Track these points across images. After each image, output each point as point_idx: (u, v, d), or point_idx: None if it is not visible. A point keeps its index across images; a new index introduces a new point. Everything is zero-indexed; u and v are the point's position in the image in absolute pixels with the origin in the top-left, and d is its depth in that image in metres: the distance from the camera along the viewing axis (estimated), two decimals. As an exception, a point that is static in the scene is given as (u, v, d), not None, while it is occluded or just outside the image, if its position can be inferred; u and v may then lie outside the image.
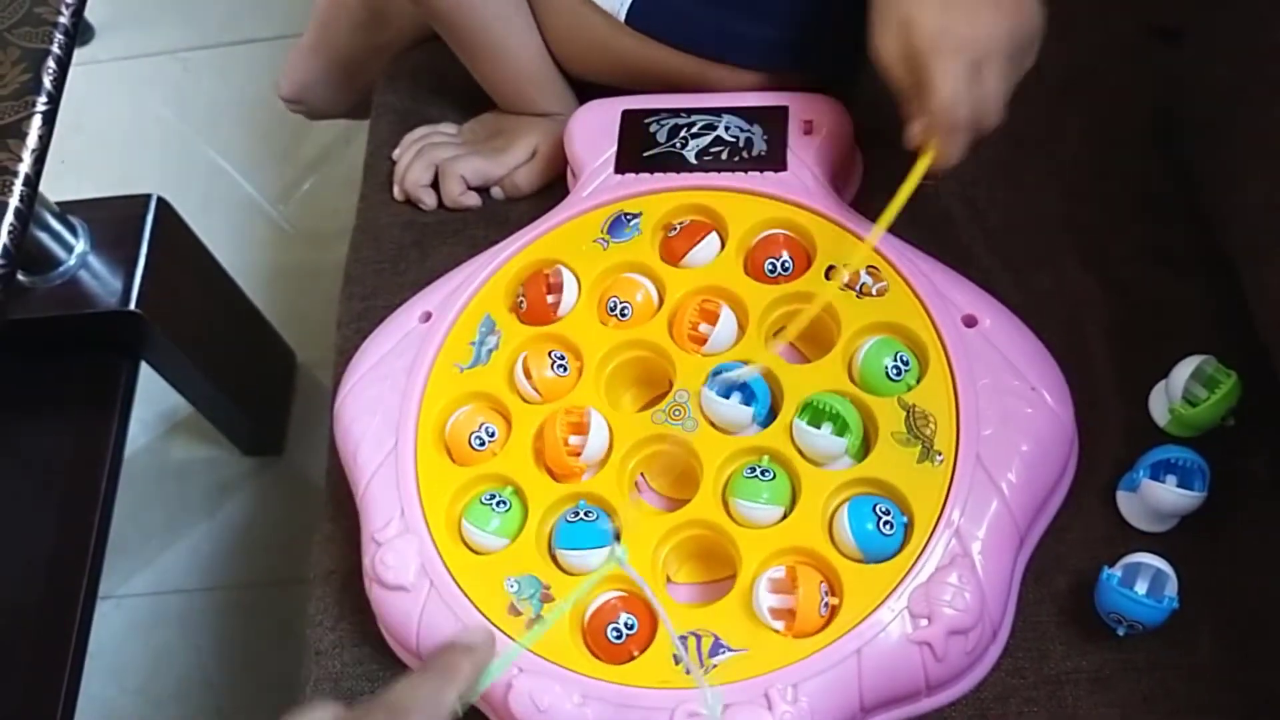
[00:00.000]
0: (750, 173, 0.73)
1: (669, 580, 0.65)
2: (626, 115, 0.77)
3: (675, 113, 0.77)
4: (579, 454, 0.65)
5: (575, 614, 0.62)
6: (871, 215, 0.72)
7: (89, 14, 1.59)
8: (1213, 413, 0.65)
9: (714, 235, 0.72)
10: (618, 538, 0.63)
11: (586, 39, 0.80)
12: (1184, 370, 0.65)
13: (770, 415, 0.66)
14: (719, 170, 0.74)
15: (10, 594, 1.00)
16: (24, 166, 0.81)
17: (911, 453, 0.63)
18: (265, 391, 1.31)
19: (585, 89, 0.85)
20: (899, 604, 0.59)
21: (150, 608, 1.25)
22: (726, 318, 0.68)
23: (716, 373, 0.66)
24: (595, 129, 0.77)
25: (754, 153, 0.74)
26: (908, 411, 0.64)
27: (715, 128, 0.75)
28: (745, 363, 0.66)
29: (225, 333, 1.23)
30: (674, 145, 0.75)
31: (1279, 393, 0.65)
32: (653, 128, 0.76)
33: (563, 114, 0.83)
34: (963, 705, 0.62)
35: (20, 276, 1.03)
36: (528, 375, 0.69)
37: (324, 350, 0.85)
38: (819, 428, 0.64)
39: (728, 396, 0.65)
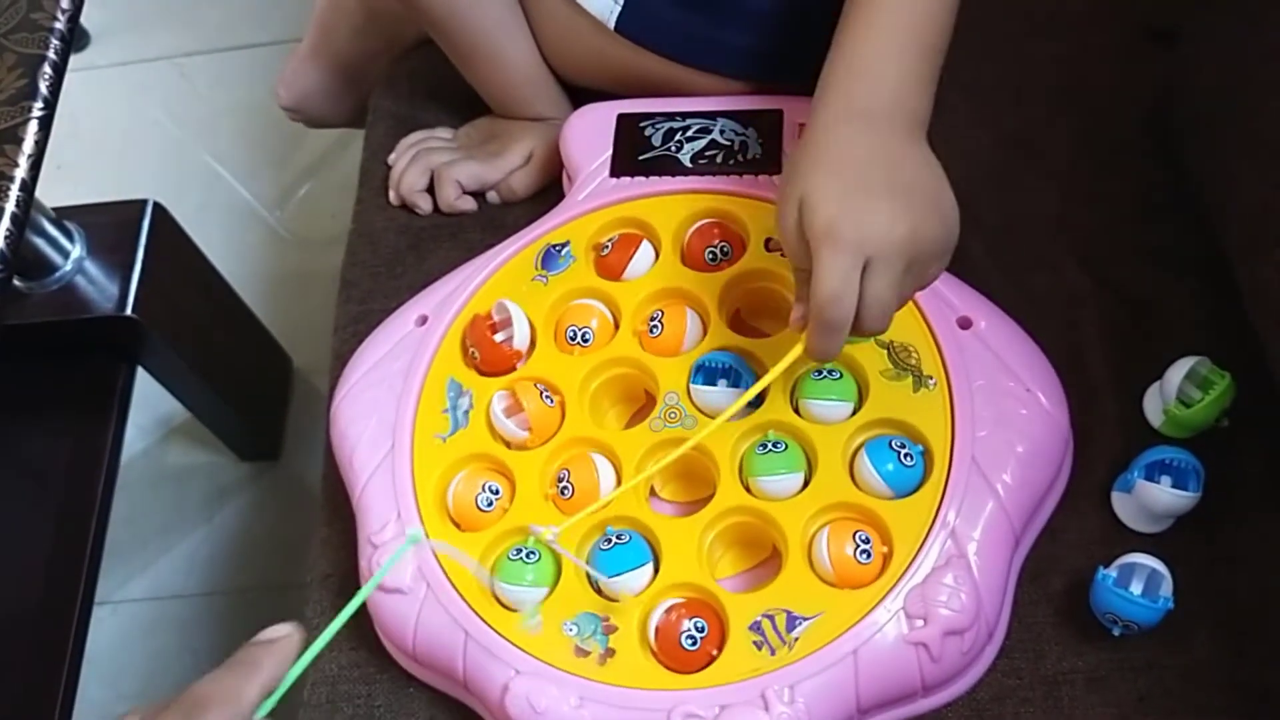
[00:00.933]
0: (745, 175, 0.73)
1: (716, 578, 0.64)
2: (621, 119, 0.77)
3: (670, 116, 0.77)
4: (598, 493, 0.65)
5: (642, 634, 0.61)
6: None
7: (85, 19, 1.60)
8: (1207, 413, 0.65)
9: (646, 244, 0.72)
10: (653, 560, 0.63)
11: (578, 45, 0.81)
12: (1178, 371, 0.66)
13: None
14: (714, 173, 0.74)
15: (7, 599, 1.00)
16: (20, 172, 0.81)
17: (905, 384, 0.64)
18: (262, 397, 1.31)
19: (580, 93, 0.85)
20: (895, 605, 0.59)
21: (147, 613, 1.25)
22: (691, 316, 0.69)
23: (698, 367, 0.67)
24: (590, 133, 0.78)
25: (749, 155, 0.74)
26: (888, 349, 0.65)
27: (710, 131, 0.76)
28: (726, 351, 0.67)
29: (221, 338, 1.23)
30: (669, 149, 0.76)
31: (1273, 393, 0.65)
32: (648, 131, 0.77)
33: (558, 118, 0.83)
34: (959, 706, 0.62)
35: (16, 282, 1.03)
36: (511, 414, 0.67)
37: (320, 355, 0.85)
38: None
39: (715, 384, 0.66)
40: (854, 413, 0.65)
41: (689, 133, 0.76)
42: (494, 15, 0.80)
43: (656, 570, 0.63)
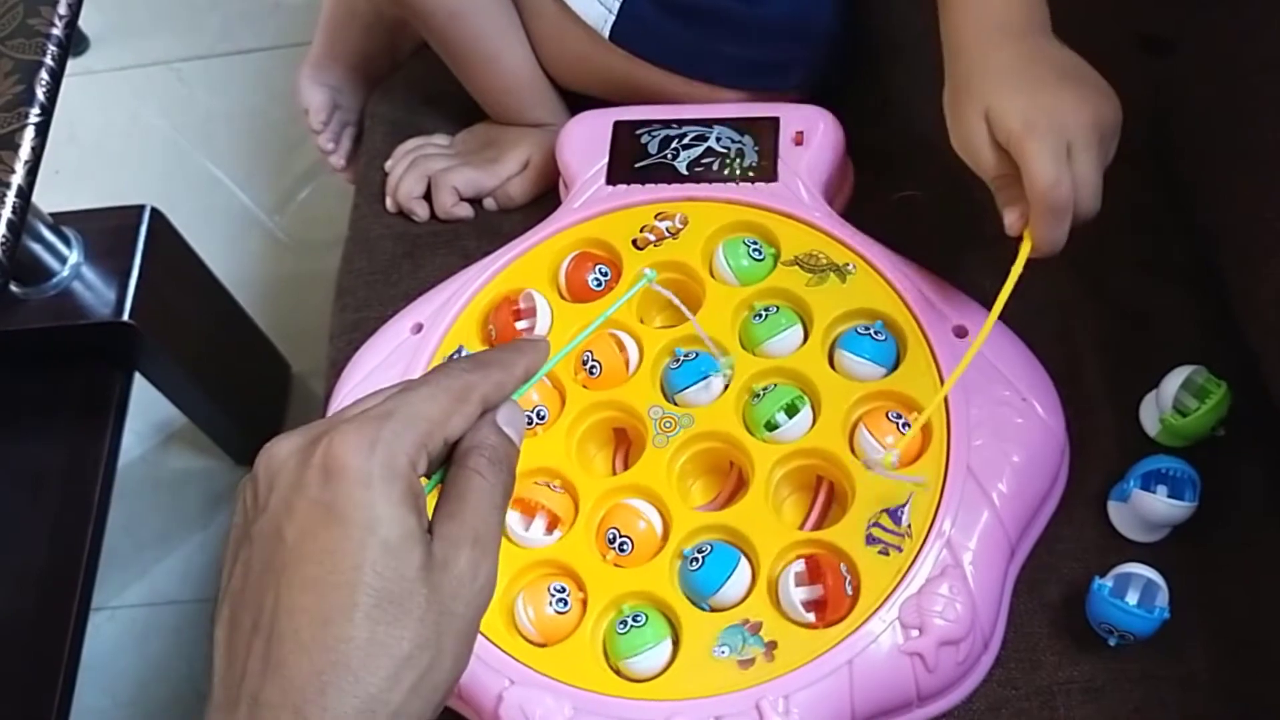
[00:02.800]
0: (741, 183, 0.73)
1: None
2: (618, 126, 0.77)
3: (666, 124, 0.77)
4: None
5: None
6: (861, 225, 0.72)
7: (84, 24, 1.61)
8: (1203, 423, 0.65)
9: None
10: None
11: (574, 53, 0.81)
12: (1174, 380, 0.65)
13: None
14: (710, 181, 0.74)
15: (3, 606, 1.00)
16: (16, 178, 0.81)
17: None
18: (259, 402, 1.31)
19: (577, 100, 0.85)
20: (890, 615, 0.59)
21: (144, 619, 1.25)
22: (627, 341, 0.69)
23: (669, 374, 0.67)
24: (587, 140, 0.78)
25: (745, 163, 0.74)
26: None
27: (706, 139, 0.76)
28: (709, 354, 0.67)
29: (219, 343, 1.23)
30: (665, 156, 0.75)
31: (1269, 403, 0.65)
32: (644, 139, 0.76)
33: (554, 124, 0.83)
34: (955, 716, 0.62)
35: (13, 287, 1.03)
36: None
37: (318, 360, 0.85)
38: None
39: (695, 382, 0.66)
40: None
41: (685, 140, 0.76)
42: (491, 21, 0.80)
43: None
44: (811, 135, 0.75)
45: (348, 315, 0.82)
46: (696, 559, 0.61)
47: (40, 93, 0.85)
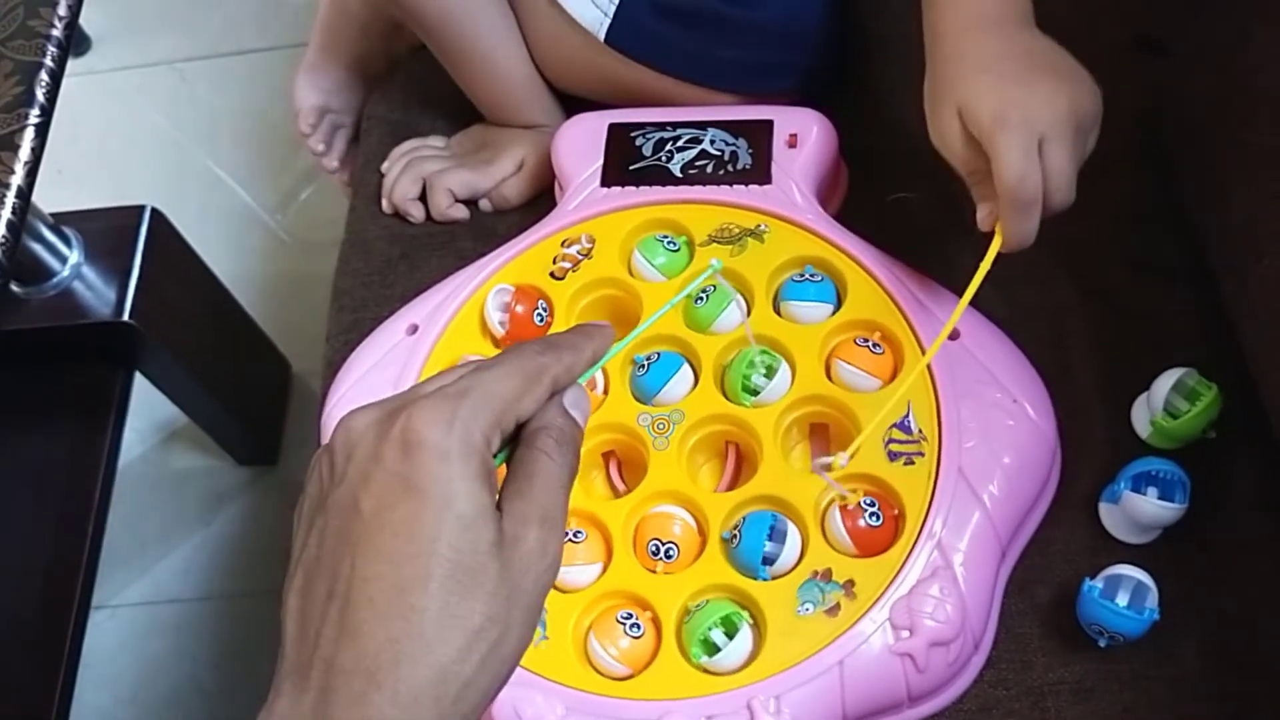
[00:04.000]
0: (735, 185, 0.74)
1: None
2: (613, 129, 0.78)
3: (661, 126, 0.77)
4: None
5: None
6: (855, 228, 0.72)
7: (86, 24, 1.61)
8: (1194, 425, 0.65)
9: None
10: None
11: (569, 55, 0.81)
12: (1165, 382, 0.66)
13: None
14: (704, 183, 0.74)
15: (4, 604, 1.00)
16: (16, 179, 0.82)
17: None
18: (260, 401, 1.31)
19: (572, 102, 0.85)
20: (881, 615, 0.59)
21: (144, 617, 1.25)
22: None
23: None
24: (581, 142, 0.78)
25: (739, 166, 0.74)
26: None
27: (700, 141, 0.76)
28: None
29: (219, 343, 1.24)
30: (659, 159, 0.76)
31: (1260, 405, 0.65)
32: (638, 141, 0.77)
33: (549, 126, 0.83)
34: (945, 716, 0.62)
35: (14, 287, 1.03)
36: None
37: (319, 360, 0.85)
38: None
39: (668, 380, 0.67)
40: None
41: (680, 143, 0.76)
42: (487, 21, 0.81)
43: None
44: (805, 138, 0.75)
45: (344, 316, 0.82)
46: (734, 536, 0.62)
47: (40, 94, 0.85)
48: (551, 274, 0.72)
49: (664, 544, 0.63)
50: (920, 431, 0.63)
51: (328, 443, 0.39)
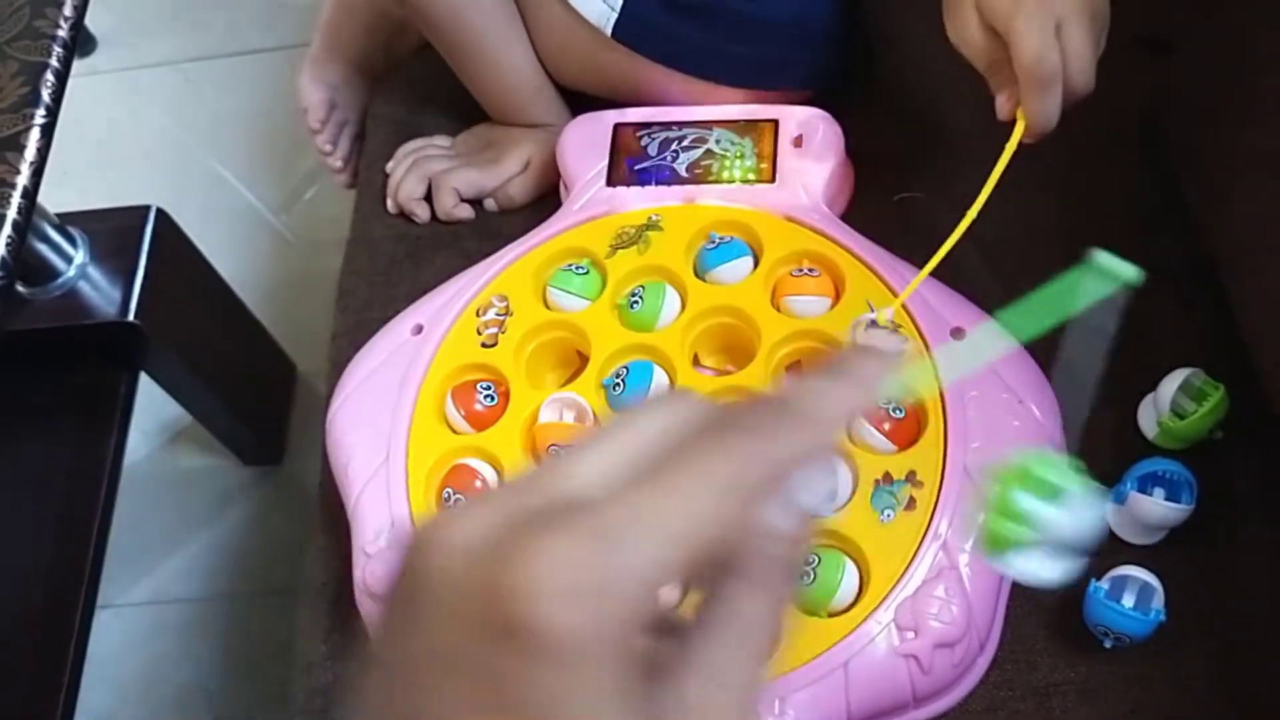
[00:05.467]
0: (741, 186, 0.73)
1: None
2: (618, 128, 0.78)
3: (667, 126, 0.77)
4: None
5: None
6: (861, 227, 0.72)
7: (91, 24, 1.62)
8: (1200, 425, 0.65)
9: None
10: None
11: (575, 51, 0.81)
12: (1172, 383, 0.65)
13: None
14: (709, 183, 0.74)
15: (10, 603, 1.00)
16: (22, 179, 0.82)
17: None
18: (264, 401, 1.32)
19: (578, 100, 0.85)
20: (885, 617, 0.59)
21: (149, 617, 1.25)
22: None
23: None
24: (587, 142, 0.78)
25: (745, 166, 0.74)
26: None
27: (706, 141, 0.76)
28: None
29: (224, 343, 1.24)
30: (665, 158, 0.76)
31: (1266, 406, 0.65)
32: (644, 141, 0.77)
33: (555, 124, 0.83)
34: (951, 717, 0.62)
35: (20, 287, 1.04)
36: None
37: (324, 359, 0.85)
38: None
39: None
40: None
41: (685, 142, 0.76)
42: (491, 19, 0.81)
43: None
44: (811, 138, 0.75)
45: (349, 316, 0.82)
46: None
47: (45, 94, 0.85)
48: (483, 344, 0.70)
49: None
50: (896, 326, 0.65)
51: (415, 539, 0.24)
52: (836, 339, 0.67)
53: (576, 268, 0.72)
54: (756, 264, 0.71)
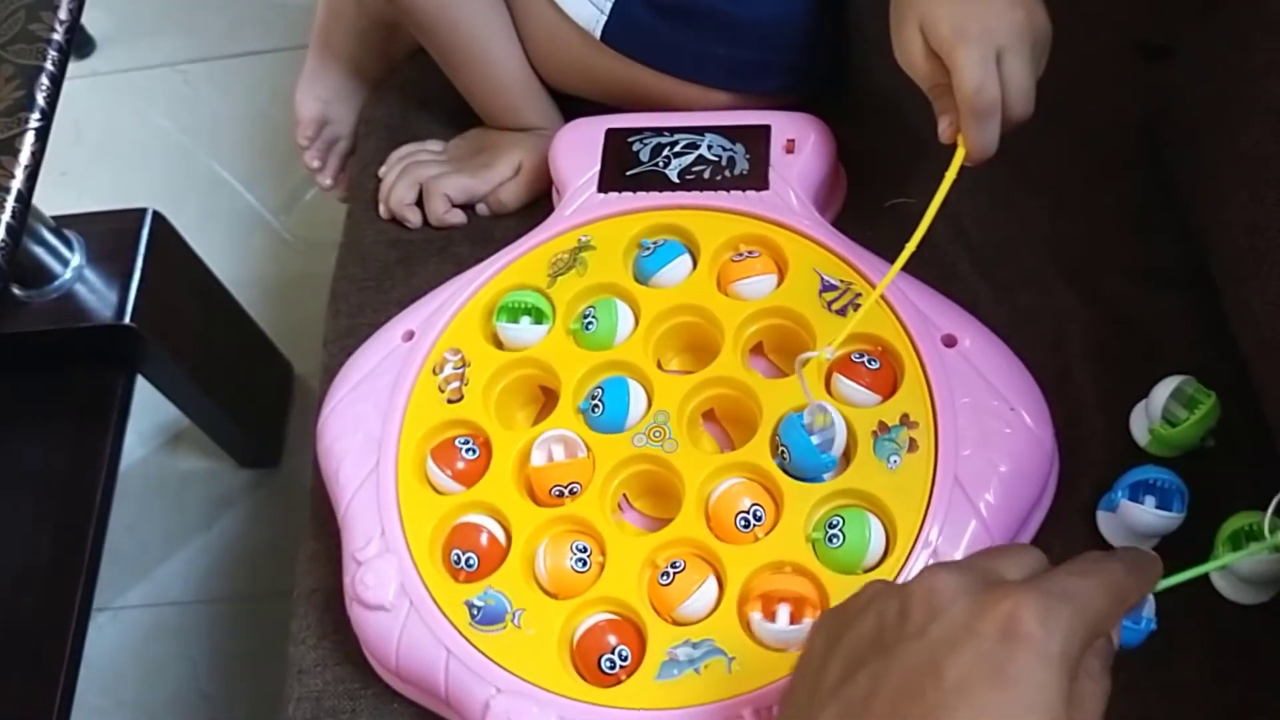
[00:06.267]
0: (732, 191, 0.73)
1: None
2: (610, 134, 0.77)
3: (658, 131, 0.77)
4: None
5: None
6: (853, 233, 0.72)
7: (90, 26, 1.62)
8: (1192, 433, 0.64)
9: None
10: None
11: (565, 54, 0.81)
12: (1164, 390, 0.65)
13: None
14: (701, 189, 0.74)
15: (5, 606, 1.00)
16: (16, 183, 0.82)
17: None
18: (261, 404, 1.32)
19: (569, 103, 0.85)
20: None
21: (146, 620, 1.25)
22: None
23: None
24: (579, 147, 0.78)
25: (736, 171, 0.74)
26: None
27: (698, 147, 0.76)
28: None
29: (221, 346, 1.24)
30: (656, 164, 0.76)
31: (1259, 414, 0.64)
32: (636, 146, 0.76)
33: (546, 128, 0.83)
34: (941, 726, 0.62)
35: (15, 290, 1.04)
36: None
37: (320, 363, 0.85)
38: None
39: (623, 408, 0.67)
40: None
41: (677, 148, 0.76)
42: (481, 20, 0.81)
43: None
44: (803, 143, 0.75)
45: (341, 321, 0.82)
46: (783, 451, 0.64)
47: (41, 98, 0.85)
48: (449, 400, 0.69)
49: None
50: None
51: (904, 585, 0.39)
52: (795, 311, 0.68)
53: (523, 306, 0.71)
54: (695, 259, 0.72)
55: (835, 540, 0.61)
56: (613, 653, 0.60)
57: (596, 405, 0.67)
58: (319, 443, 0.71)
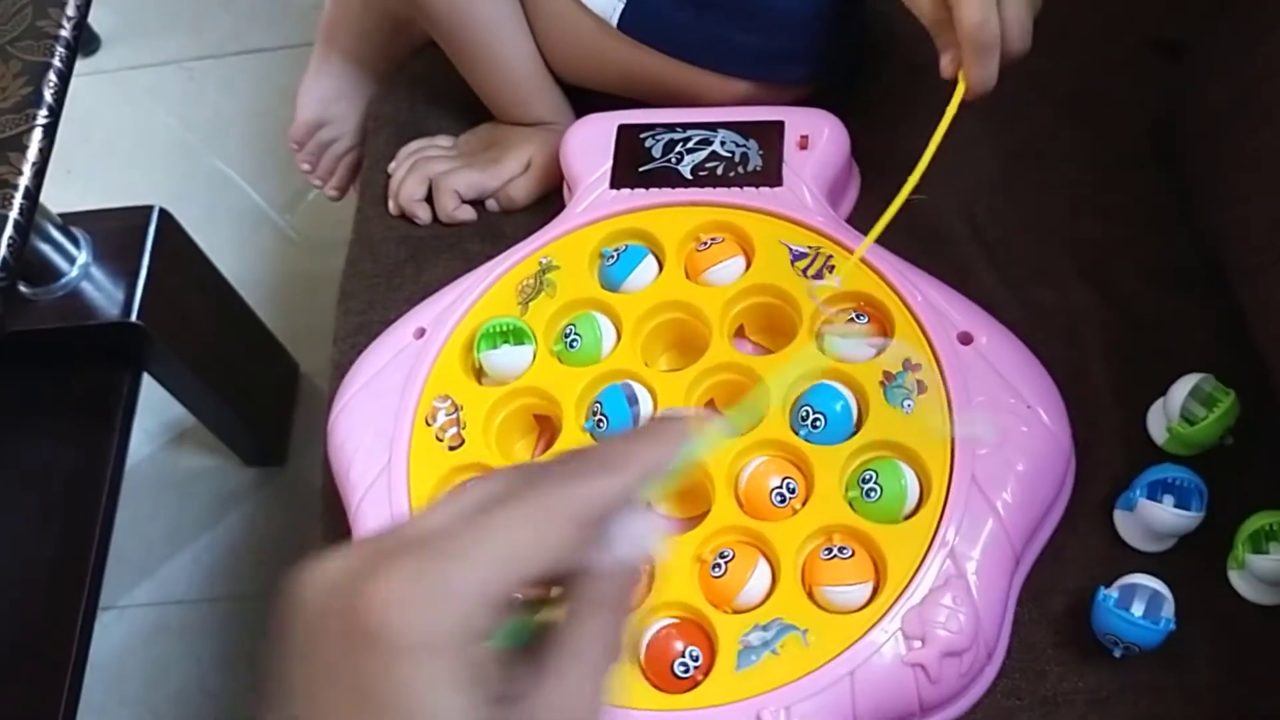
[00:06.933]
0: (745, 188, 0.73)
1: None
2: (622, 130, 0.77)
3: (671, 127, 0.76)
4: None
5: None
6: (866, 230, 0.71)
7: (95, 23, 1.62)
8: (1211, 432, 0.64)
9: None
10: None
11: (579, 44, 0.80)
12: (1182, 388, 0.65)
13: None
14: (714, 185, 0.73)
15: (12, 604, 1.00)
16: (24, 179, 0.82)
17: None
18: (267, 402, 1.31)
19: (581, 98, 0.84)
20: (892, 625, 0.58)
21: (152, 618, 1.25)
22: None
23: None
24: (591, 143, 0.77)
25: (749, 168, 0.74)
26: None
27: (711, 143, 0.75)
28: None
29: (227, 343, 1.24)
30: (669, 160, 0.75)
31: (1277, 412, 0.64)
32: (648, 142, 0.76)
33: (558, 124, 0.83)
34: (958, 727, 0.61)
35: (22, 288, 1.03)
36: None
37: (327, 360, 0.84)
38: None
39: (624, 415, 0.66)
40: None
41: (690, 144, 0.75)
42: (494, 14, 0.80)
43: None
44: (816, 139, 0.74)
45: (351, 318, 0.82)
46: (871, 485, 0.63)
47: (48, 94, 0.85)
48: (450, 448, 0.67)
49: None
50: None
51: (288, 599, 0.30)
52: (774, 286, 0.69)
53: (500, 331, 0.69)
54: (659, 258, 0.71)
55: (873, 494, 0.62)
56: (684, 656, 0.59)
57: (600, 420, 0.66)
58: (330, 440, 0.70)
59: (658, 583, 0.62)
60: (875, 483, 0.62)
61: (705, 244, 0.71)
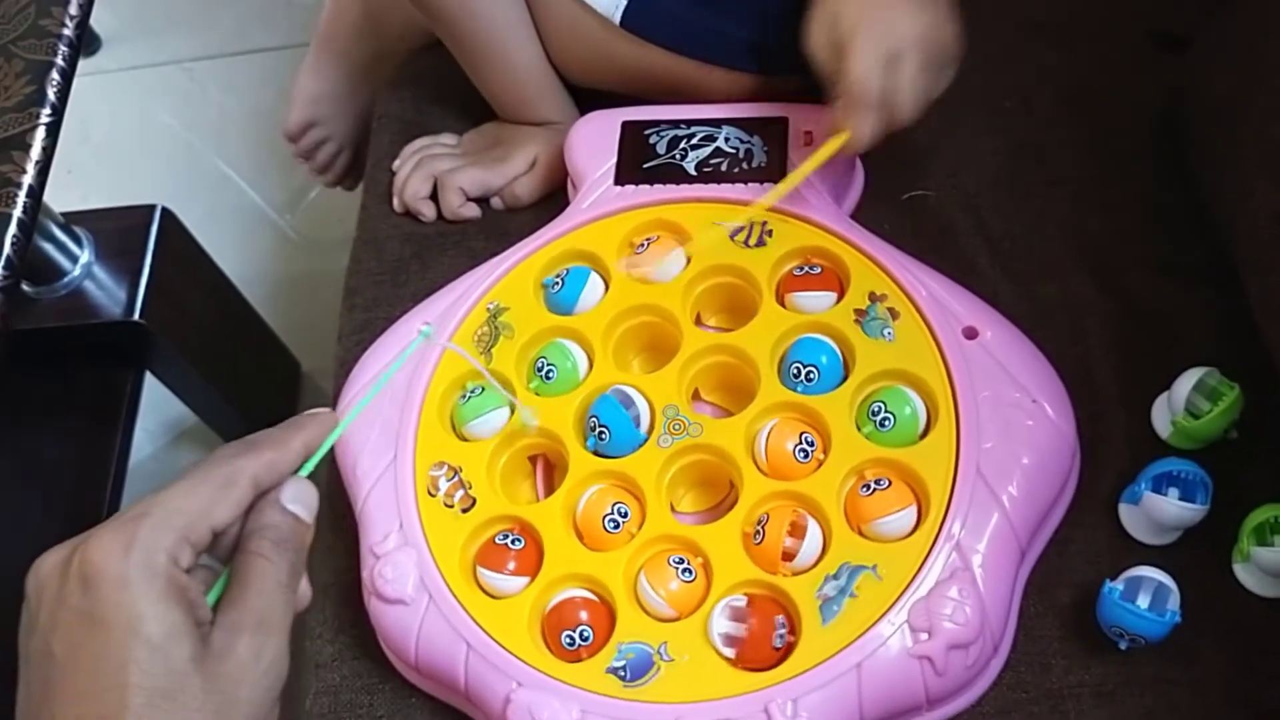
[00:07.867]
0: (750, 184, 0.73)
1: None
2: (626, 126, 0.77)
3: (675, 124, 0.77)
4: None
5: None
6: (870, 225, 0.72)
7: (96, 24, 1.61)
8: (1215, 425, 0.64)
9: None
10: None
11: (583, 42, 0.80)
12: (1187, 382, 0.65)
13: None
14: (718, 181, 0.73)
15: (15, 604, 1.00)
16: (27, 178, 0.82)
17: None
18: (269, 401, 1.31)
19: (586, 97, 0.85)
20: (899, 618, 0.58)
21: (155, 617, 1.25)
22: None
23: None
24: (595, 140, 0.77)
25: (754, 164, 0.74)
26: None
27: (715, 139, 0.75)
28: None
29: (229, 342, 1.24)
30: (674, 157, 0.75)
31: (1283, 405, 0.64)
32: (652, 139, 0.76)
33: (562, 123, 0.83)
34: (964, 719, 0.61)
35: (25, 287, 1.04)
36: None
37: (328, 359, 0.85)
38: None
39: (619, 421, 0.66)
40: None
41: (694, 140, 0.76)
42: (500, 14, 0.80)
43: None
44: (820, 135, 0.74)
45: (356, 315, 0.82)
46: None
47: (51, 93, 0.85)
48: (463, 511, 0.66)
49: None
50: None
51: (27, 592, 0.39)
52: (724, 264, 0.70)
53: (470, 392, 0.68)
54: (603, 274, 0.72)
55: (887, 423, 0.63)
56: (778, 629, 0.59)
57: (602, 432, 0.66)
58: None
59: (716, 571, 0.61)
60: (885, 411, 0.63)
61: (642, 245, 0.71)
